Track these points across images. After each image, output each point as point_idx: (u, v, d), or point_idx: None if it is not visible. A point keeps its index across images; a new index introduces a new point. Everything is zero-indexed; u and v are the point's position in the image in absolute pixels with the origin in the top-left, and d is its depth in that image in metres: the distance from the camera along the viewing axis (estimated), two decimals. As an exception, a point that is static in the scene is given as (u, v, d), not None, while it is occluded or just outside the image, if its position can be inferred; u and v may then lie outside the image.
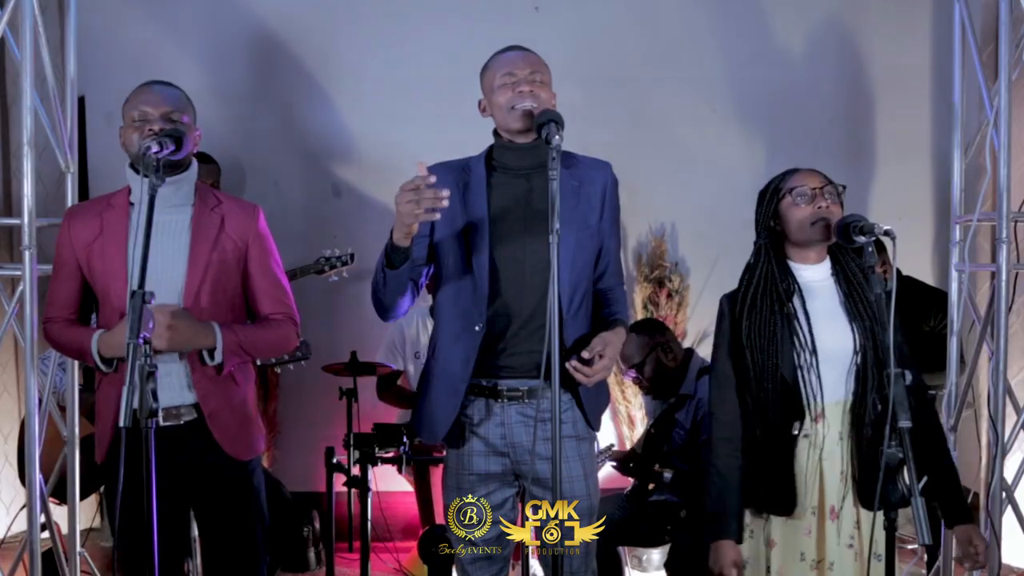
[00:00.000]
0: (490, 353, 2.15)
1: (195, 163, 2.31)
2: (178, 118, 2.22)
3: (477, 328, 2.13)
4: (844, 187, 2.17)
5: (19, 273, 2.71)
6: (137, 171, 2.21)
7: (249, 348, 2.26)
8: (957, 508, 2.11)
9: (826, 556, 2.09)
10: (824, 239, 2.12)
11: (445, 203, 1.95)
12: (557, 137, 1.92)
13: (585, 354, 2.07)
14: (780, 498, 2.09)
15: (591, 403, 2.23)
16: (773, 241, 2.18)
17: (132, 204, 2.23)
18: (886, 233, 1.91)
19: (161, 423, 2.17)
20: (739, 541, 2.11)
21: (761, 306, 2.13)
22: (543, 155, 2.18)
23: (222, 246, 2.25)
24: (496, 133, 2.24)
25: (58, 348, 2.36)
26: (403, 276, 2.12)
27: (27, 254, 2.69)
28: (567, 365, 2.05)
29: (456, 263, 2.17)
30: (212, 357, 2.20)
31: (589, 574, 2.25)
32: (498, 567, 2.25)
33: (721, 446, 2.15)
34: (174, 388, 2.21)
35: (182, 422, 2.22)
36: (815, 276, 2.15)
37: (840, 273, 2.15)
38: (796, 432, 2.08)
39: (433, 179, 1.95)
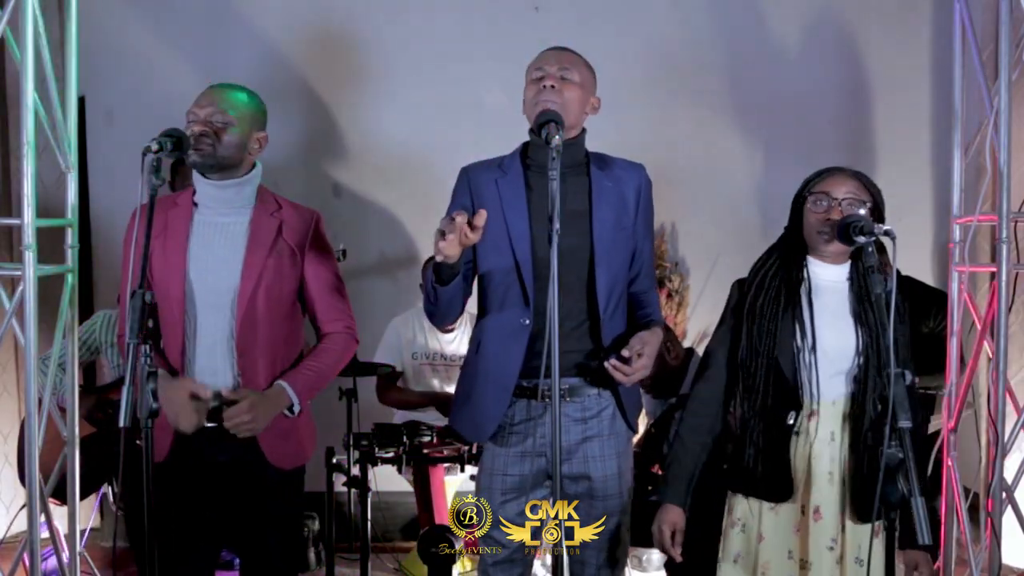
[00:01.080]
0: (530, 353, 2.15)
1: (259, 166, 2.33)
2: (219, 120, 2.24)
3: (526, 322, 2.14)
4: (872, 201, 2.12)
5: (19, 273, 2.71)
6: (202, 173, 2.25)
7: (320, 382, 2.32)
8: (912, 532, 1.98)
9: (808, 555, 2.09)
10: (826, 246, 2.11)
11: (480, 223, 1.94)
12: (557, 138, 1.92)
13: (625, 352, 2.07)
14: (776, 485, 2.10)
15: (630, 403, 2.25)
16: (797, 233, 2.18)
17: (196, 204, 2.24)
18: (886, 233, 1.91)
19: (206, 423, 2.21)
20: (685, 507, 2.20)
21: (770, 284, 2.14)
22: (578, 154, 2.20)
23: (279, 252, 2.26)
24: (531, 131, 2.24)
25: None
26: (455, 288, 2.14)
27: (27, 254, 2.68)
28: (606, 364, 2.06)
29: (499, 261, 2.18)
30: (292, 412, 2.26)
31: (618, 570, 2.26)
32: (520, 569, 2.27)
33: (691, 418, 2.22)
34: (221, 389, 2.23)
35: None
36: (829, 276, 2.15)
37: (855, 277, 2.14)
38: (792, 422, 2.09)
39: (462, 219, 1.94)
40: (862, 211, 2.09)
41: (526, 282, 2.15)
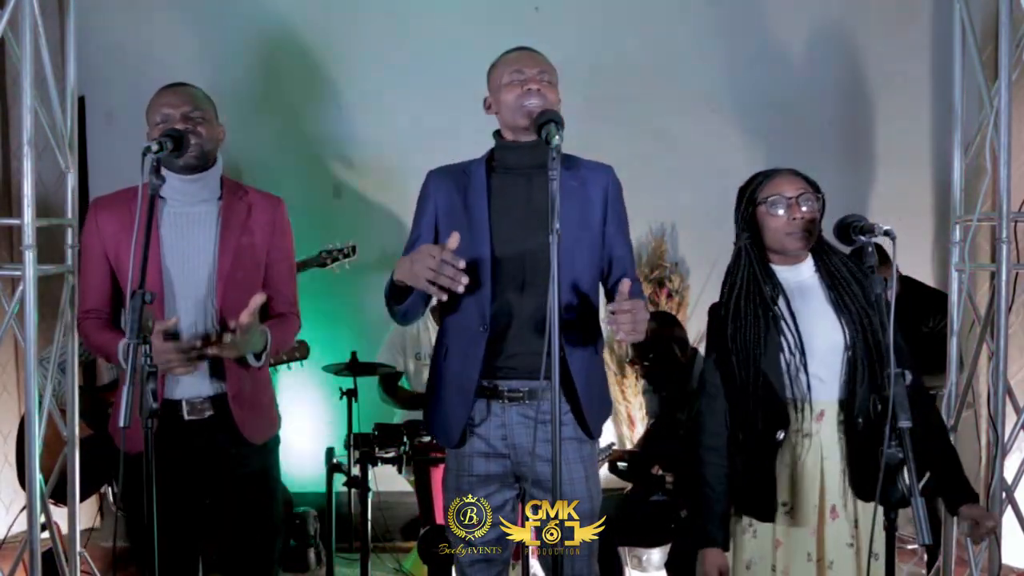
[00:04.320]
0: (492, 354, 2.15)
1: (220, 158, 2.36)
2: (198, 116, 2.26)
3: (481, 329, 2.14)
4: (821, 195, 2.12)
5: (19, 273, 2.71)
6: (187, 172, 2.27)
7: (282, 346, 2.37)
8: (961, 489, 2.06)
9: (825, 555, 2.08)
10: (803, 247, 2.11)
11: (460, 288, 1.95)
12: (557, 137, 1.91)
13: (616, 301, 1.98)
14: (759, 503, 2.09)
15: (590, 410, 2.20)
16: (754, 241, 2.15)
17: (163, 198, 2.26)
18: (886, 233, 1.90)
19: (186, 417, 2.25)
20: (725, 548, 2.13)
21: (745, 311, 2.11)
22: (544, 154, 2.18)
23: (250, 231, 2.31)
24: (497, 133, 2.24)
25: (90, 347, 2.37)
26: (412, 305, 2.16)
27: (27, 254, 2.68)
28: (608, 308, 1.97)
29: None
30: (258, 359, 2.27)
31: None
32: (497, 569, 2.25)
33: (709, 455, 2.15)
34: (196, 378, 2.26)
35: (205, 416, 2.27)
36: (799, 276, 2.14)
37: (823, 270, 2.13)
38: (780, 439, 2.07)
39: (463, 264, 1.95)
40: (814, 204, 2.09)
41: (483, 287, 2.14)
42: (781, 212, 2.09)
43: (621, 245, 2.25)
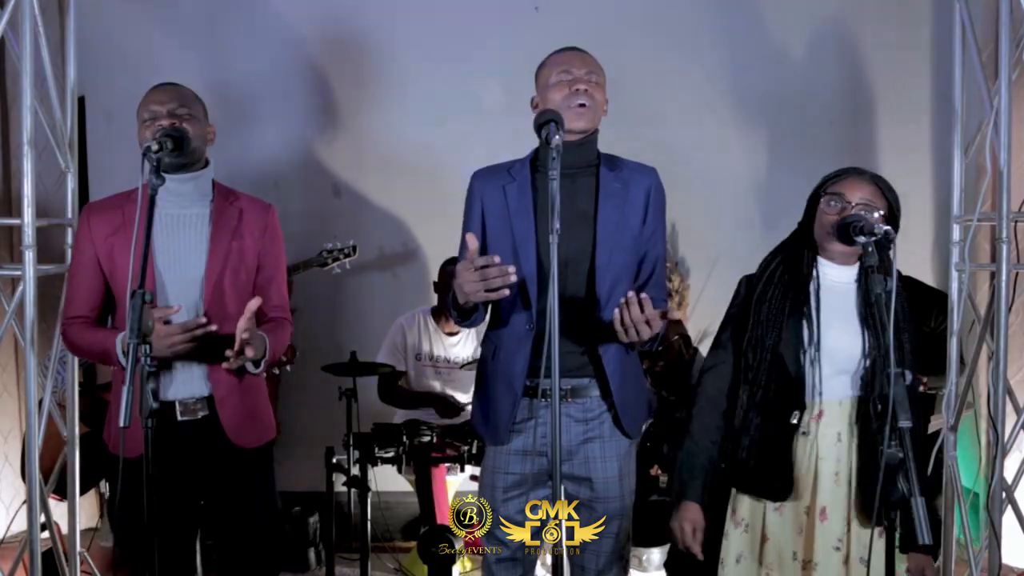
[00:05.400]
0: (537, 352, 2.16)
1: (212, 162, 2.37)
2: (183, 113, 2.27)
3: (528, 327, 2.16)
4: (892, 211, 2.11)
5: (19, 273, 2.71)
6: (172, 171, 2.26)
7: (274, 352, 2.33)
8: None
9: (812, 557, 2.09)
10: (832, 246, 2.11)
11: (513, 278, 1.97)
12: (557, 137, 1.91)
13: (643, 295, 1.98)
14: (774, 482, 2.09)
15: (625, 410, 2.21)
16: (809, 231, 2.17)
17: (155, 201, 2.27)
18: (885, 234, 1.90)
19: (179, 417, 2.26)
20: (703, 505, 2.16)
21: (779, 280, 2.13)
22: (589, 154, 2.20)
23: (241, 235, 2.31)
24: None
25: (77, 350, 2.37)
26: (478, 315, 2.21)
27: (27, 254, 2.68)
28: (628, 296, 1.97)
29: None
30: (257, 365, 2.27)
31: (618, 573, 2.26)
32: (521, 570, 2.27)
33: (702, 413, 2.19)
34: (193, 379, 2.27)
35: (198, 417, 2.28)
36: (838, 277, 2.14)
37: (863, 279, 2.13)
38: (795, 421, 2.08)
39: (497, 259, 1.98)
40: (882, 215, 2.08)
41: (529, 286, 2.16)
42: (833, 210, 2.09)
43: (657, 247, 2.26)
